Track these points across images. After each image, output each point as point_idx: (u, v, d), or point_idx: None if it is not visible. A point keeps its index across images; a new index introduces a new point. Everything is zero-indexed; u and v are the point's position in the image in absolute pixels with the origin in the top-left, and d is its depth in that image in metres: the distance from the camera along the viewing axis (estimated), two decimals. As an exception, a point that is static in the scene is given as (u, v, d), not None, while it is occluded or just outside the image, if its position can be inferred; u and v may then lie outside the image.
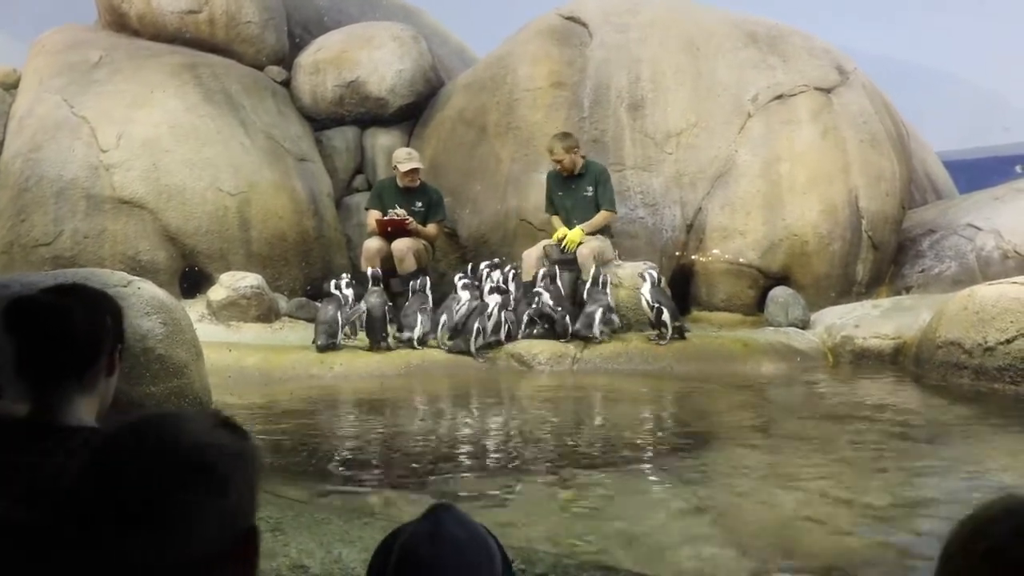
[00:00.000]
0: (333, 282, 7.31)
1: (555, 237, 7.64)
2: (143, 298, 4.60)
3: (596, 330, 6.87)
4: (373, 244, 7.85)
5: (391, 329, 7.00)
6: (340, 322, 6.86)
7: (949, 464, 4.27)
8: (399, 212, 7.84)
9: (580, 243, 7.48)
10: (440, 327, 6.88)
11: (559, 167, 7.75)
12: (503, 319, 6.87)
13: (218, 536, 0.97)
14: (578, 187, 7.76)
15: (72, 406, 1.66)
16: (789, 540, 3.21)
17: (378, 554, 1.19)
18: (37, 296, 1.66)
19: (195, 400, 4.77)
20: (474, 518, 1.23)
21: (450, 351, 6.72)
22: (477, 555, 1.15)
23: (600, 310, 6.92)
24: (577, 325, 6.88)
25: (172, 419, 1.04)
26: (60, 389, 1.63)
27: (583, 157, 7.80)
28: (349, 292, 7.20)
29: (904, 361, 6.77)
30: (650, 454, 4.52)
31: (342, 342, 6.91)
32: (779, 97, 8.68)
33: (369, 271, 7.32)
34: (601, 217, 7.70)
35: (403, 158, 8.06)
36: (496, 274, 7.42)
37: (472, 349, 6.60)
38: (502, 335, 6.89)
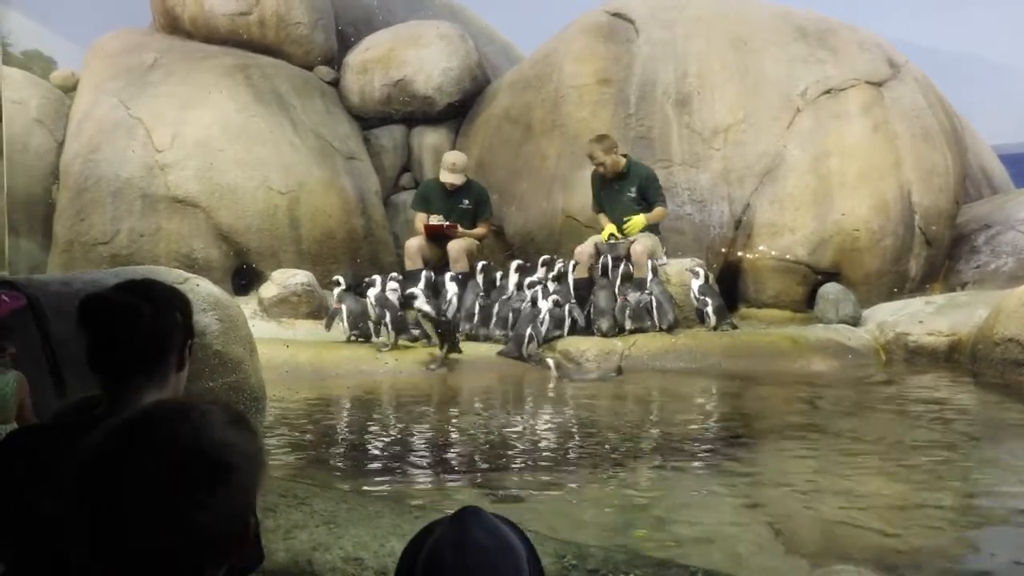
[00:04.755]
0: (376, 279, 7.33)
1: (603, 235, 7.62)
2: (200, 295, 4.71)
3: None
4: (414, 243, 7.92)
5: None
6: (357, 314, 6.95)
7: (1008, 464, 4.19)
8: (441, 220, 7.90)
9: (633, 239, 7.46)
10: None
11: (602, 170, 7.72)
12: (551, 317, 6.88)
13: (222, 528, 1.01)
14: (621, 188, 7.71)
15: (142, 401, 1.70)
16: (841, 539, 3.18)
17: (407, 553, 1.20)
18: (108, 293, 1.70)
19: (251, 395, 4.87)
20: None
21: (501, 354, 6.73)
22: (504, 563, 1.16)
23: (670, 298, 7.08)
24: (671, 317, 7.00)
25: (181, 413, 1.05)
26: (130, 384, 1.68)
27: (624, 156, 7.77)
28: (395, 292, 7.19)
29: (960, 358, 6.64)
30: (701, 451, 4.50)
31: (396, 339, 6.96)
32: (829, 91, 8.56)
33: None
34: (659, 212, 7.66)
35: (448, 166, 8.03)
36: (541, 273, 7.47)
37: (524, 354, 6.63)
38: (564, 330, 6.95)
